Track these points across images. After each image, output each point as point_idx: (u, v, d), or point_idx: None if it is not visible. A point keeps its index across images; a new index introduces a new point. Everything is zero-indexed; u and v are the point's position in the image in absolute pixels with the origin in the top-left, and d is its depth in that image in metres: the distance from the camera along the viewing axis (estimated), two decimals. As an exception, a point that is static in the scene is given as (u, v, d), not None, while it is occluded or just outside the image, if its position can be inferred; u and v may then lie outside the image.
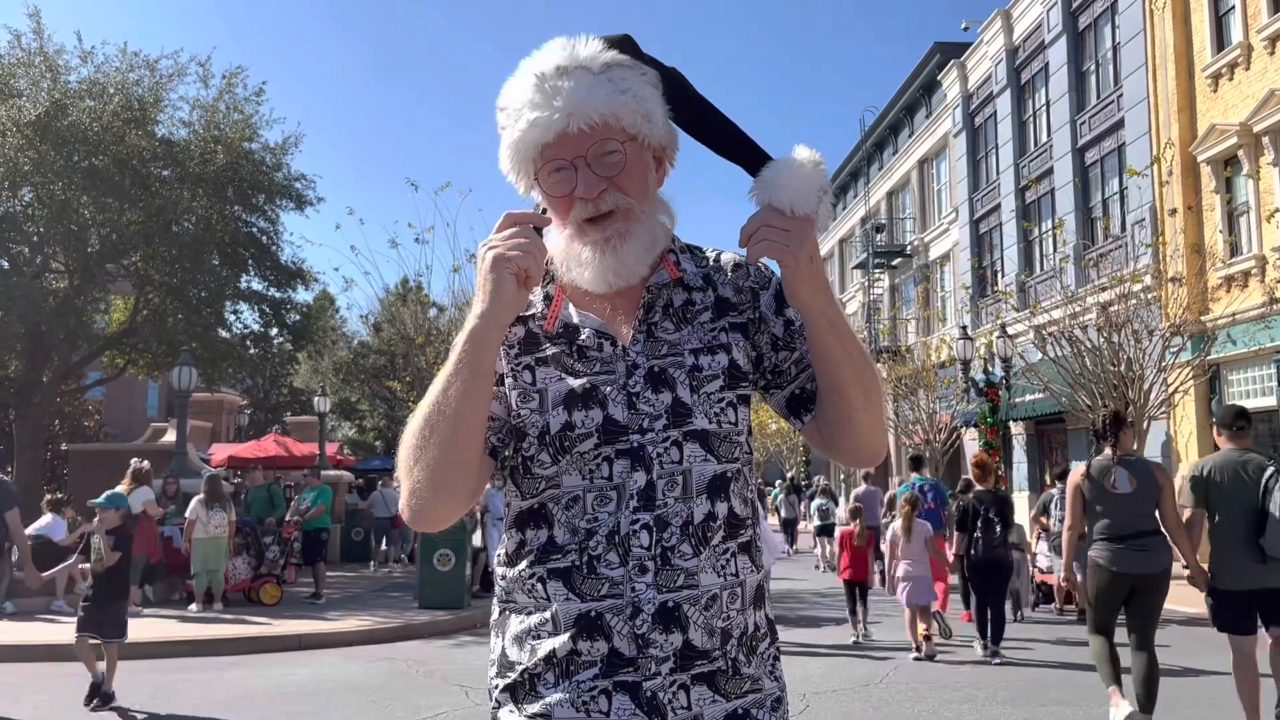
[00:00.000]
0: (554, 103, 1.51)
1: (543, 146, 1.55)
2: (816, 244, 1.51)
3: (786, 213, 1.47)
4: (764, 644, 1.61)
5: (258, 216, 23.25)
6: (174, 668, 9.43)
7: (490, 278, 1.47)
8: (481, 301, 1.49)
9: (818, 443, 1.69)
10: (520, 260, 1.46)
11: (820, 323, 1.53)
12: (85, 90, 20.77)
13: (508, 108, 1.58)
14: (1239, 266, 17.84)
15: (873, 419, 1.60)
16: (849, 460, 1.69)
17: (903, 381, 26.45)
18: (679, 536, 1.51)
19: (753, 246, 1.49)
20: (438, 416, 1.50)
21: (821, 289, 1.51)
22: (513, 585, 1.59)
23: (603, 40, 1.57)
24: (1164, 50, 20.08)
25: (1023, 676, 8.51)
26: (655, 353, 1.57)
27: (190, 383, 17.01)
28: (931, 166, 33.75)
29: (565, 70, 1.53)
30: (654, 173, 1.63)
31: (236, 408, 40.53)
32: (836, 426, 1.62)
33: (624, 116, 1.54)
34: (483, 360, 1.50)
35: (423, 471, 1.51)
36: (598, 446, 1.53)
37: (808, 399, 1.66)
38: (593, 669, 1.49)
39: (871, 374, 1.59)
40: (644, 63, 1.59)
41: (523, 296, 1.50)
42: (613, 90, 1.53)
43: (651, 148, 1.61)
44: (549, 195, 1.58)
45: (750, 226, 1.49)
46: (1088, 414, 17.53)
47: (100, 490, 12.56)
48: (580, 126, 1.52)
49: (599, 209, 1.55)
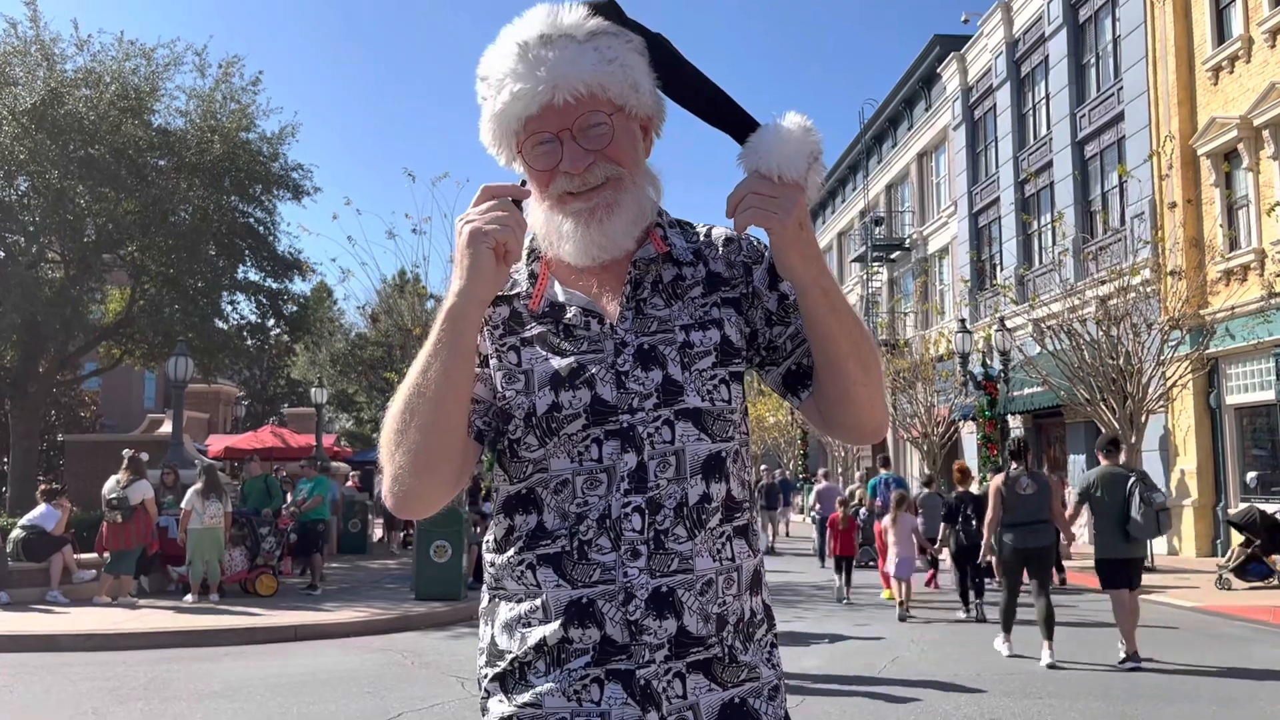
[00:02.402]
0: (537, 73, 1.46)
1: (526, 119, 1.49)
2: (807, 211, 1.45)
3: (774, 179, 1.41)
4: (761, 630, 1.56)
5: (254, 207, 23.19)
6: (169, 658, 9.40)
7: (468, 253, 1.42)
8: (459, 278, 1.43)
9: (816, 421, 1.63)
10: (498, 234, 1.41)
11: (814, 293, 1.48)
12: (81, 79, 20.68)
13: (489, 77, 1.52)
14: (1238, 260, 17.80)
15: (872, 393, 1.54)
16: (849, 437, 1.63)
17: (901, 375, 26.42)
18: (673, 519, 1.46)
19: (739, 214, 1.43)
20: (417, 399, 1.44)
21: (814, 257, 1.46)
22: (502, 572, 1.55)
23: (587, 6, 1.51)
24: (1164, 43, 20.02)
25: (1019, 669, 8.50)
26: (644, 330, 1.52)
27: (186, 374, 16.96)
28: (931, 159, 33.70)
29: (549, 39, 1.47)
30: (641, 142, 1.58)
31: (233, 399, 40.53)
32: (835, 403, 1.56)
33: (611, 87, 1.48)
34: (462, 339, 1.44)
35: (405, 456, 1.45)
36: (586, 427, 1.48)
37: (804, 375, 1.60)
38: (584, 657, 1.45)
39: (869, 346, 1.54)
40: (629, 29, 1.53)
41: (503, 272, 1.44)
42: (599, 60, 1.47)
43: (638, 118, 1.56)
44: (531, 168, 1.53)
45: (737, 194, 1.43)
46: (1086, 407, 17.53)
47: (96, 481, 12.53)
48: (565, 98, 1.46)
49: (587, 183, 1.50)
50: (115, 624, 10.90)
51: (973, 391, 22.73)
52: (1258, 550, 13.75)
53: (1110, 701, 7.29)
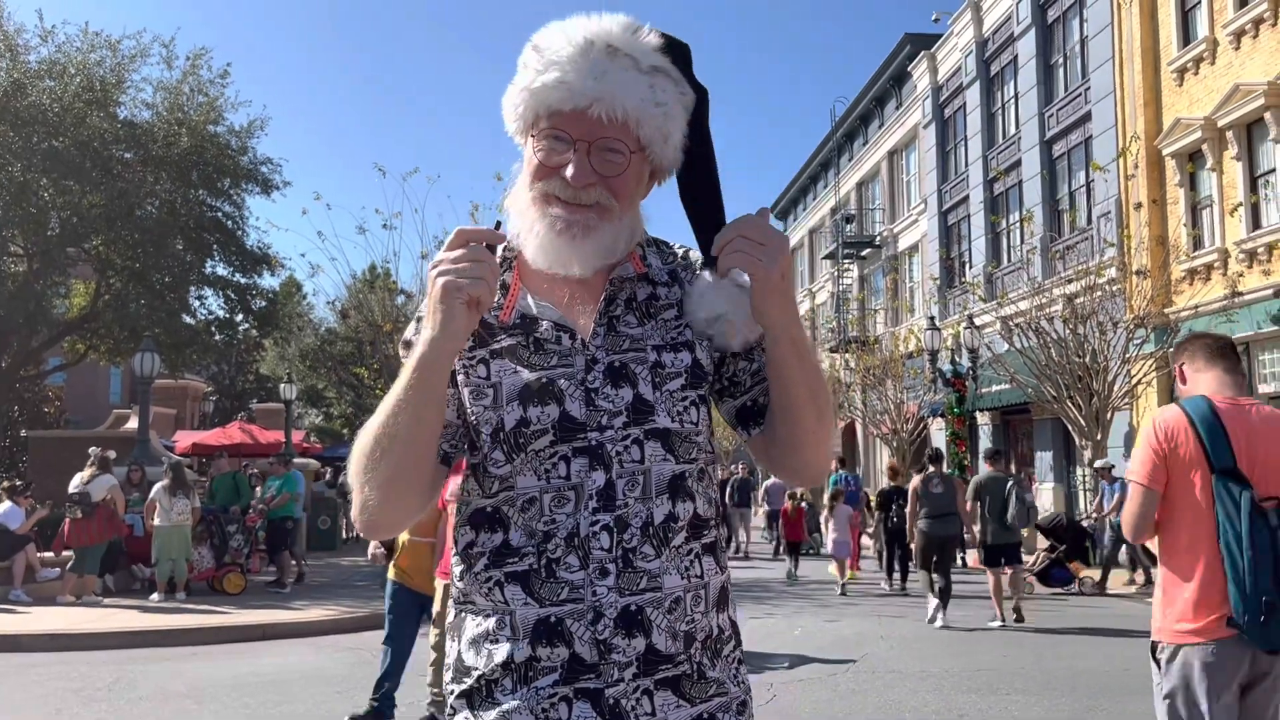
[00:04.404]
0: (588, 79, 1.45)
1: (556, 111, 1.48)
2: (791, 262, 1.48)
3: (765, 226, 1.45)
4: (728, 647, 1.57)
5: (223, 200, 22.94)
6: (134, 658, 9.30)
7: (441, 308, 1.40)
8: (431, 328, 1.42)
9: (762, 457, 1.66)
10: (471, 289, 1.39)
11: (784, 341, 1.50)
12: (45, 70, 20.36)
13: (543, 52, 1.49)
14: (1202, 260, 18.04)
15: (821, 441, 1.58)
16: (791, 479, 1.68)
17: (871, 372, 26.56)
18: (639, 538, 1.47)
19: (726, 256, 1.45)
20: (389, 441, 1.45)
21: (790, 307, 1.49)
22: (470, 587, 1.55)
23: (664, 39, 1.52)
24: (1131, 44, 20.24)
25: (986, 666, 8.60)
26: (616, 347, 1.52)
27: (153, 369, 16.76)
28: (901, 158, 33.88)
29: (615, 52, 1.47)
30: (644, 184, 1.59)
31: (202, 394, 40.12)
32: (785, 445, 1.59)
33: (646, 126, 1.49)
34: (433, 385, 1.45)
35: (373, 490, 1.48)
36: (554, 444, 1.48)
37: (759, 412, 1.62)
38: (552, 675, 1.45)
39: (825, 397, 1.56)
40: (687, 80, 1.54)
41: (474, 320, 1.43)
42: (649, 97, 1.48)
43: (654, 164, 1.57)
44: (534, 156, 1.52)
45: (726, 235, 1.46)
46: (1053, 405, 17.72)
47: (60, 477, 12.37)
48: (601, 114, 1.46)
49: (578, 199, 1.49)
50: (80, 623, 10.78)
51: (942, 388, 22.91)
52: (1061, 555, 14.04)
53: (1075, 697, 7.38)
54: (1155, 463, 3.22)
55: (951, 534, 11.54)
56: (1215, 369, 3.36)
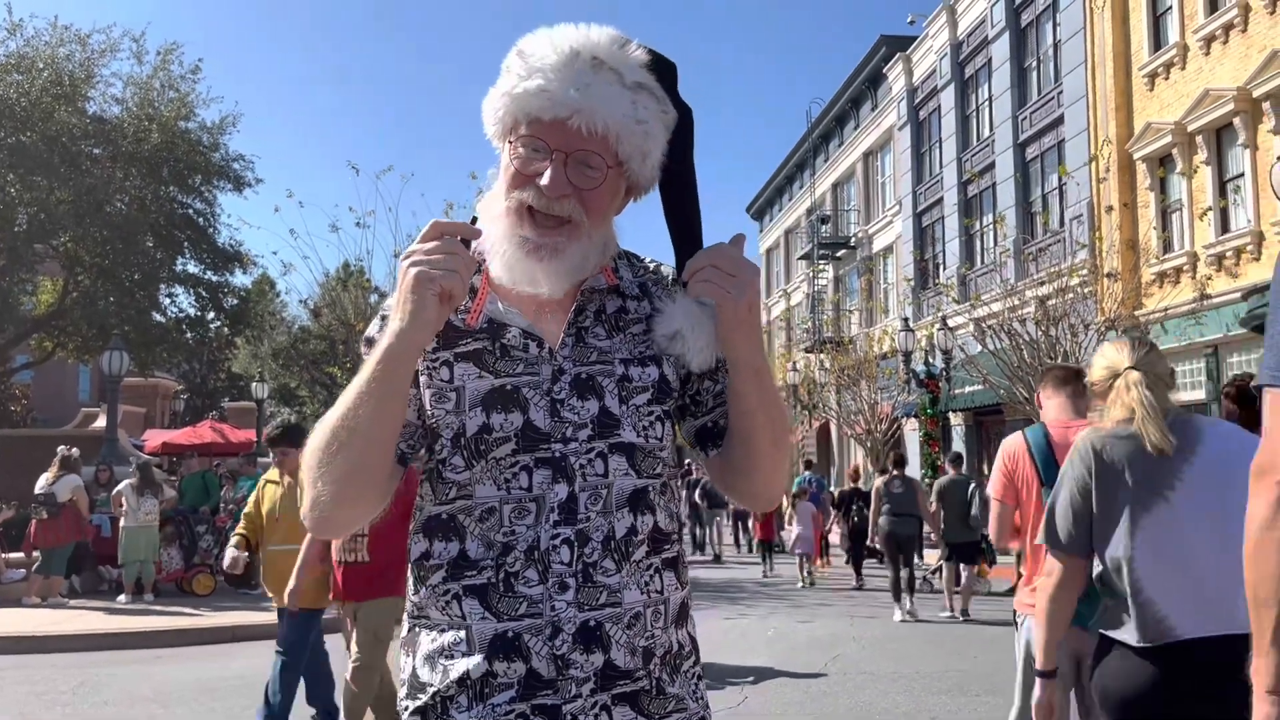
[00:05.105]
0: (571, 90, 1.43)
1: (535, 118, 1.46)
2: (759, 294, 1.48)
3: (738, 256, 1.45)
4: (688, 663, 1.56)
5: (194, 198, 22.77)
6: (100, 661, 9.18)
7: (411, 298, 1.38)
8: (399, 319, 1.39)
9: (717, 478, 1.65)
10: (443, 280, 1.37)
11: (746, 371, 1.49)
12: (13, 64, 20.14)
13: (529, 57, 1.47)
14: (1172, 263, 18.24)
15: (776, 467, 1.57)
16: (744, 502, 1.67)
17: (845, 372, 26.67)
18: (600, 552, 1.45)
19: (695, 283, 1.44)
20: (347, 434, 1.41)
21: (755, 337, 1.48)
22: (425, 601, 1.52)
23: (651, 55, 1.50)
24: (1103, 49, 20.43)
25: (957, 667, 8.64)
26: (584, 359, 1.50)
27: (122, 367, 16.57)
28: (876, 159, 34.04)
29: (600, 64, 1.45)
30: (618, 199, 1.57)
31: (172, 393, 39.74)
32: (740, 471, 1.58)
33: (625, 143, 1.47)
34: (399, 378, 1.41)
35: (327, 486, 1.43)
36: (515, 453, 1.45)
37: (718, 434, 1.61)
38: (509, 691, 1.43)
39: (783, 426, 1.56)
40: (670, 99, 1.53)
41: (444, 314, 1.41)
42: (631, 114, 1.46)
43: (630, 181, 1.55)
44: (510, 162, 1.50)
45: (697, 263, 1.45)
46: (1025, 406, 17.85)
47: (27, 477, 12.21)
48: (581, 126, 1.44)
49: (551, 209, 1.47)
50: (44, 626, 10.63)
51: (915, 389, 23.04)
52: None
53: (1044, 698, 7.41)
54: (1004, 482, 3.89)
55: (910, 532, 12.32)
56: (1061, 395, 4.01)
